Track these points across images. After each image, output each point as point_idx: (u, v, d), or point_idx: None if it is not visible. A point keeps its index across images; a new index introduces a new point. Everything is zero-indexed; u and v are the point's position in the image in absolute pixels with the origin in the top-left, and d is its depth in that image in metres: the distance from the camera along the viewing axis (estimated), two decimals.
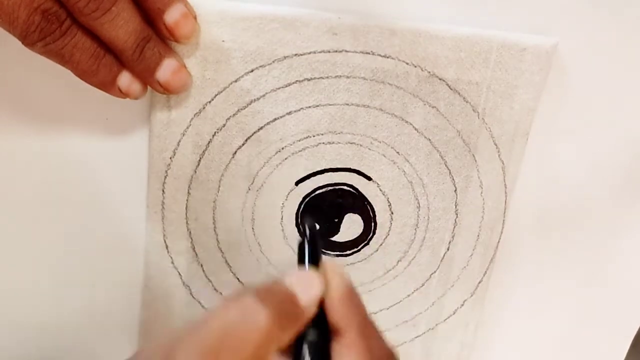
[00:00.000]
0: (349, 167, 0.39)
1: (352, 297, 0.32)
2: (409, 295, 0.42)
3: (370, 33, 0.35)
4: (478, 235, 0.41)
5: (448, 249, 0.41)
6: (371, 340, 0.31)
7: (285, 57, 0.35)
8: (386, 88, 0.36)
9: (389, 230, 0.40)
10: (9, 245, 0.40)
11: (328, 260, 0.33)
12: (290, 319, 0.30)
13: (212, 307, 0.29)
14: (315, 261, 0.33)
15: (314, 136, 0.38)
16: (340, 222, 0.40)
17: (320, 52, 0.35)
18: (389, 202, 0.40)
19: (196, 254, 0.40)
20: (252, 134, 0.37)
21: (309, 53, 0.35)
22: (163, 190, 0.38)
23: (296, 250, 0.34)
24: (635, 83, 0.38)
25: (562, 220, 0.42)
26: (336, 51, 0.35)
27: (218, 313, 0.29)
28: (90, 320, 0.43)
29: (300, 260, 0.33)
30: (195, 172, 0.38)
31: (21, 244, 0.40)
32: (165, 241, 0.40)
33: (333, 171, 0.39)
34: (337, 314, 0.31)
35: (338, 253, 0.41)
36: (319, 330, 0.31)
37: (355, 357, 0.30)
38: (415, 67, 0.36)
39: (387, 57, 0.36)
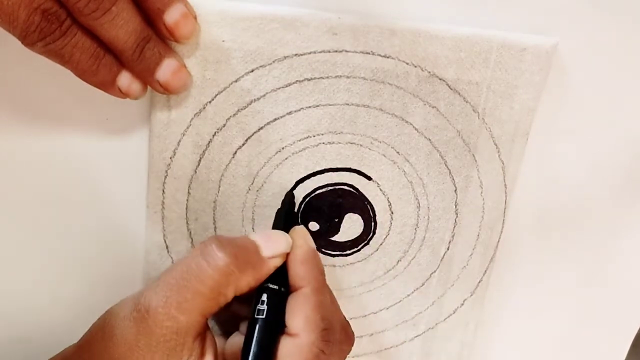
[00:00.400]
0: (349, 167, 0.39)
1: (312, 260, 0.35)
2: (409, 295, 0.42)
3: (370, 33, 0.35)
4: (478, 235, 0.41)
5: (448, 249, 0.41)
6: (323, 297, 0.34)
7: (285, 57, 0.35)
8: (386, 88, 0.36)
9: (389, 230, 0.40)
10: (9, 245, 0.40)
11: (298, 226, 0.37)
12: (249, 264, 0.33)
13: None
14: (287, 227, 0.36)
15: (314, 136, 0.38)
16: (340, 222, 0.40)
17: (320, 52, 0.35)
18: (389, 202, 0.40)
19: None
20: (253, 134, 0.37)
21: (309, 53, 0.35)
22: (163, 190, 0.38)
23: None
24: (635, 83, 0.38)
25: (562, 220, 0.42)
26: (336, 51, 0.35)
27: (185, 258, 0.32)
28: (90, 320, 0.43)
29: (275, 225, 0.37)
30: (196, 172, 0.38)
31: (21, 244, 0.40)
32: (165, 241, 0.40)
33: (333, 171, 0.39)
34: (297, 272, 0.34)
35: (338, 253, 0.41)
36: (280, 285, 0.34)
37: (305, 309, 0.33)
38: (415, 67, 0.36)
39: (387, 57, 0.36)
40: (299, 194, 0.39)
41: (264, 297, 0.34)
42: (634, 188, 0.41)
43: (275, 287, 0.34)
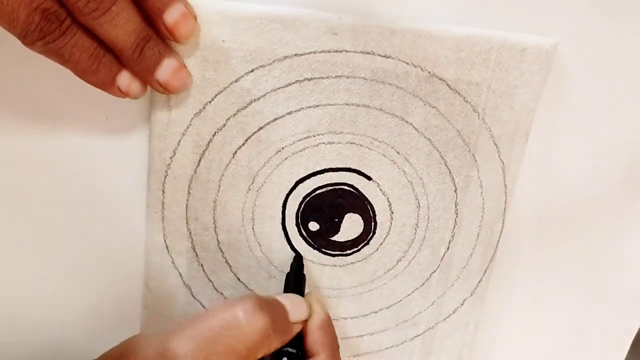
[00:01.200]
0: (349, 167, 0.39)
1: (329, 326, 0.37)
2: (409, 295, 0.42)
3: (370, 33, 0.35)
4: (478, 235, 0.41)
5: (448, 249, 0.41)
6: None
7: (285, 57, 0.35)
8: (386, 88, 0.36)
9: (389, 230, 0.40)
10: (9, 245, 0.40)
11: (313, 290, 0.39)
12: (282, 330, 0.33)
13: (212, 306, 0.32)
14: (297, 289, 0.38)
15: (314, 136, 0.38)
16: (340, 222, 0.40)
17: (320, 52, 0.35)
18: (389, 201, 0.40)
19: (196, 254, 0.40)
20: (253, 134, 0.37)
21: (309, 53, 0.35)
22: (163, 190, 0.38)
23: (283, 279, 0.39)
24: (635, 83, 0.38)
25: (562, 220, 0.42)
26: (336, 51, 0.35)
27: (219, 310, 0.32)
28: (91, 321, 0.43)
29: (286, 289, 0.39)
30: (196, 172, 0.38)
31: (21, 244, 0.40)
32: (165, 241, 0.40)
33: (333, 171, 0.39)
34: (316, 338, 0.36)
35: (338, 253, 0.41)
36: (297, 349, 0.35)
37: None
38: (415, 67, 0.36)
39: (387, 57, 0.36)
40: (299, 193, 0.39)
41: None
42: (634, 188, 0.41)
43: (294, 351, 0.35)
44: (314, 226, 0.40)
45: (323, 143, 0.38)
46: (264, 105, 0.36)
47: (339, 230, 0.40)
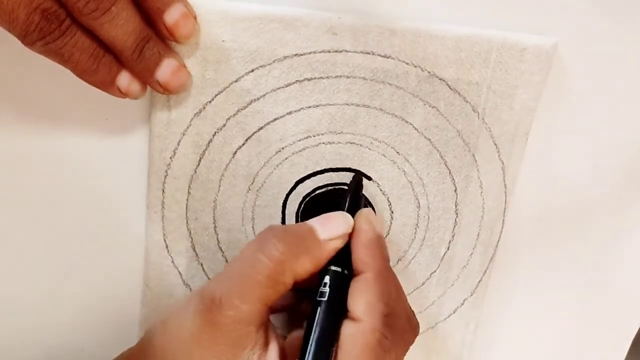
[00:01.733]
0: (349, 167, 0.39)
1: (376, 245, 0.35)
2: (409, 295, 0.42)
3: (370, 33, 0.35)
4: (478, 235, 0.41)
5: (448, 249, 0.41)
6: (386, 283, 0.34)
7: (285, 57, 0.35)
8: (386, 88, 0.36)
9: (389, 230, 0.40)
10: (9, 245, 0.40)
11: (365, 209, 0.37)
12: (303, 249, 0.33)
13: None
14: (353, 209, 0.36)
15: (314, 136, 0.38)
16: None
17: (320, 52, 0.35)
18: (389, 201, 0.40)
19: (196, 254, 0.40)
20: (252, 134, 0.37)
21: (309, 53, 0.35)
22: (163, 190, 0.38)
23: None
24: (635, 83, 0.38)
25: (562, 220, 0.42)
26: (336, 51, 0.35)
27: (242, 249, 0.33)
28: (90, 320, 0.43)
29: (340, 208, 0.36)
30: (196, 172, 0.38)
31: (21, 244, 0.40)
32: (165, 241, 0.40)
33: (333, 171, 0.39)
34: (360, 256, 0.34)
35: None
36: (343, 267, 0.34)
37: (367, 294, 0.33)
38: (415, 67, 0.36)
39: (387, 57, 0.36)
40: (299, 193, 0.39)
41: (327, 279, 0.34)
42: (634, 188, 0.41)
43: (339, 269, 0.34)
44: None
45: (323, 143, 0.38)
46: (264, 105, 0.36)
47: None
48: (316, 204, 0.39)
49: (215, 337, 0.31)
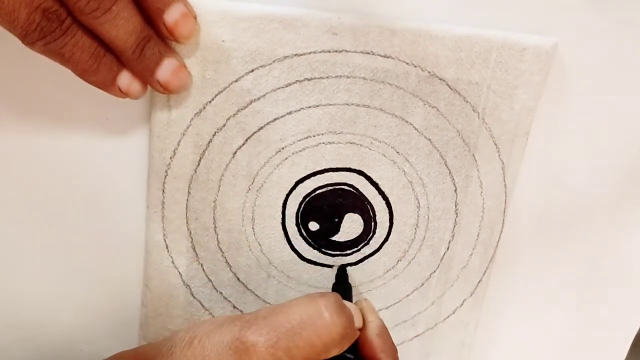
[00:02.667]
0: (349, 167, 0.39)
1: (386, 332, 0.36)
2: (408, 295, 0.42)
3: (371, 33, 0.35)
4: (478, 235, 0.41)
5: (448, 249, 0.41)
6: None
7: (285, 57, 0.35)
8: (386, 88, 0.36)
9: (389, 230, 0.40)
10: (9, 245, 0.40)
11: (363, 299, 0.38)
12: (352, 331, 0.33)
13: (288, 300, 0.32)
14: (345, 298, 0.36)
15: (314, 136, 0.38)
16: (340, 222, 0.40)
17: (320, 52, 0.35)
18: (389, 201, 0.40)
19: (196, 254, 0.40)
20: (252, 134, 0.37)
21: (309, 53, 0.35)
22: (163, 190, 0.38)
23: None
24: (635, 83, 0.38)
25: (562, 220, 0.42)
26: (336, 51, 0.35)
27: (301, 303, 0.32)
28: (90, 320, 0.43)
29: None
30: (196, 172, 0.38)
31: (21, 244, 0.40)
32: (165, 241, 0.40)
33: (333, 171, 0.39)
34: (375, 344, 0.35)
35: (338, 253, 0.41)
36: (354, 355, 0.34)
37: None
38: (416, 67, 0.36)
39: (387, 57, 0.36)
40: (299, 193, 0.39)
41: None
42: (634, 188, 0.41)
43: (351, 356, 0.34)
44: (314, 226, 0.40)
45: (323, 143, 0.38)
46: (264, 105, 0.36)
47: (339, 230, 0.40)
48: (316, 204, 0.39)
49: None
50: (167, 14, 0.32)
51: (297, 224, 0.40)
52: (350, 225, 0.40)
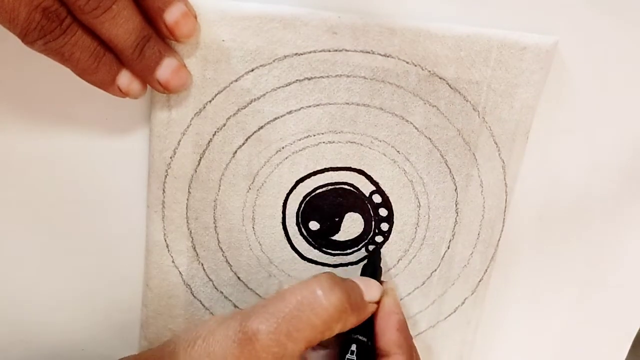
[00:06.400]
0: (349, 166, 0.39)
1: (406, 328, 0.36)
2: (409, 294, 0.42)
3: (370, 32, 0.35)
4: (478, 234, 0.41)
5: (449, 248, 0.41)
6: None
7: (285, 57, 0.35)
8: (386, 87, 0.36)
9: (389, 230, 0.40)
10: (9, 245, 0.40)
11: (391, 286, 0.38)
12: (357, 307, 0.33)
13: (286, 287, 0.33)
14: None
15: (314, 135, 0.38)
16: (340, 221, 0.40)
17: (320, 51, 0.35)
18: (389, 201, 0.40)
19: (197, 254, 0.40)
20: (253, 134, 0.37)
21: (309, 52, 0.35)
22: (163, 190, 0.38)
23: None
24: (635, 82, 0.38)
25: (563, 218, 0.42)
26: (336, 50, 0.35)
27: (296, 288, 0.33)
28: (91, 320, 0.43)
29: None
30: (196, 171, 0.38)
31: (21, 244, 0.40)
32: (165, 240, 0.40)
33: (333, 170, 0.39)
34: (393, 338, 0.35)
35: (338, 252, 0.41)
36: (367, 337, 0.35)
37: None
38: (416, 66, 0.36)
39: (387, 56, 0.36)
40: (300, 193, 0.39)
41: (354, 347, 0.35)
42: (634, 187, 0.41)
43: (364, 339, 0.35)
44: (314, 225, 0.40)
45: (323, 142, 0.38)
46: (264, 104, 0.36)
47: (340, 230, 0.40)
48: (316, 204, 0.39)
49: None
50: (168, 13, 0.32)
51: (298, 224, 0.40)
52: (351, 225, 0.40)
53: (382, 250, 0.41)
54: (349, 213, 0.40)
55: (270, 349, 0.31)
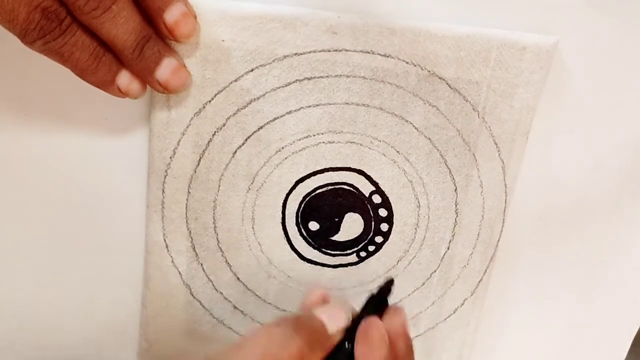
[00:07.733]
0: (349, 166, 0.39)
1: (411, 351, 0.36)
2: (409, 295, 0.42)
3: (370, 32, 0.35)
4: (478, 234, 0.41)
5: (448, 248, 0.41)
6: None
7: (285, 57, 0.35)
8: (386, 87, 0.36)
9: (389, 230, 0.40)
10: (9, 245, 0.40)
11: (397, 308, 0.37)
12: (319, 342, 0.33)
13: (251, 332, 0.33)
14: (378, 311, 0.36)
15: (314, 135, 0.38)
16: (340, 221, 0.40)
17: (320, 51, 0.35)
18: (389, 201, 0.39)
19: (196, 254, 0.40)
20: (252, 134, 0.37)
21: (309, 52, 0.35)
22: (163, 190, 0.38)
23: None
24: (635, 82, 0.38)
25: (562, 219, 0.42)
26: (336, 50, 0.35)
27: (259, 338, 0.33)
28: (91, 320, 0.43)
29: (364, 308, 0.36)
30: (195, 171, 0.38)
31: (21, 244, 0.40)
32: (165, 241, 0.40)
33: (333, 170, 0.39)
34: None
35: (338, 252, 0.41)
36: (348, 341, 0.35)
37: None
38: (415, 66, 0.36)
39: (387, 56, 0.36)
40: (299, 193, 0.39)
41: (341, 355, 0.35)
42: (634, 187, 0.41)
43: (348, 346, 0.34)
44: (314, 226, 0.40)
45: (323, 142, 0.38)
46: (264, 104, 0.36)
47: (339, 230, 0.40)
48: (316, 204, 0.39)
49: None
50: (168, 13, 0.32)
51: (297, 224, 0.40)
52: (351, 225, 0.40)
53: (382, 250, 0.41)
54: (349, 213, 0.40)
55: None
